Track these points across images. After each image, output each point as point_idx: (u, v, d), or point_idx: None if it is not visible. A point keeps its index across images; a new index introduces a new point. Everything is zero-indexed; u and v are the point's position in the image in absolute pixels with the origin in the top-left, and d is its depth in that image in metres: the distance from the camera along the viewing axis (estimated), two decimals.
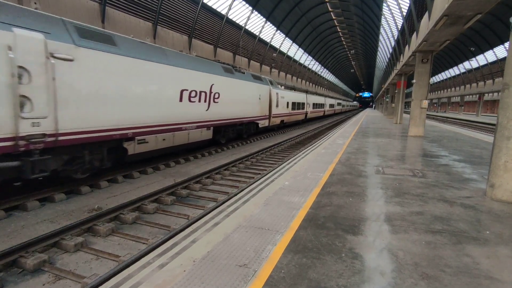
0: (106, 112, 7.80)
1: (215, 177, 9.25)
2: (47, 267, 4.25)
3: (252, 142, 18.05)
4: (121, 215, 5.99)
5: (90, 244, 5.01)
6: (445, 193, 5.56)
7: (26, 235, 5.23)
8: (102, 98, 7.64)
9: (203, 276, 2.82)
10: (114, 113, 8.03)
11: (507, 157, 5.01)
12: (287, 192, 5.47)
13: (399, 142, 13.05)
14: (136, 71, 8.69)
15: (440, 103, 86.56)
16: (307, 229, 3.90)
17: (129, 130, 8.55)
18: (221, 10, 24.64)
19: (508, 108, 4.96)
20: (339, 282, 2.75)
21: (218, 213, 4.48)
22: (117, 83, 8.06)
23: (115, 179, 8.60)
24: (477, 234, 3.82)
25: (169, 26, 19.53)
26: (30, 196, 6.73)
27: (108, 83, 7.79)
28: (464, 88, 58.09)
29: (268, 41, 35.51)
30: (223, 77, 13.63)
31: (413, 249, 3.39)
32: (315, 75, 64.10)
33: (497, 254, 3.33)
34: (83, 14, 13.64)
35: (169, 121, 10.20)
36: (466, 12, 9.26)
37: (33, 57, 6.00)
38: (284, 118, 23.82)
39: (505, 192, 5.10)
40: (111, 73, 7.88)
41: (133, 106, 8.62)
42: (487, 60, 46.18)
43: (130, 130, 8.60)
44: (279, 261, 3.10)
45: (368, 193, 5.51)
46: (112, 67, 7.89)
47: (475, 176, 6.97)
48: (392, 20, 25.62)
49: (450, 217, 4.39)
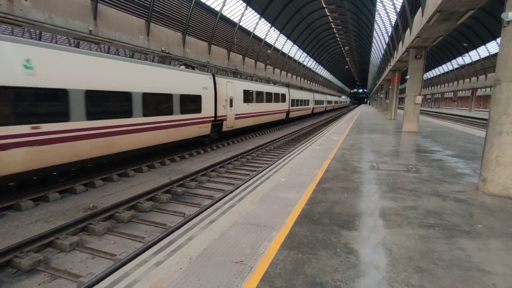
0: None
1: (210, 175, 9.24)
2: (42, 267, 4.23)
3: (248, 140, 18.05)
4: (116, 213, 5.96)
5: (85, 243, 4.99)
6: (438, 188, 5.64)
7: (21, 235, 5.19)
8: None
9: (199, 273, 2.83)
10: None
11: (499, 152, 5.09)
12: (282, 189, 5.50)
13: (393, 138, 13.16)
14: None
15: (434, 99, 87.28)
16: (302, 225, 3.93)
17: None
18: (215, 6, 24.47)
19: (499, 103, 5.03)
20: (334, 277, 2.78)
21: (214, 210, 4.49)
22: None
23: (110, 178, 8.55)
24: (470, 228, 3.88)
25: (163, 23, 19.34)
26: (24, 195, 6.66)
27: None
28: (457, 83, 58.60)
29: (263, 38, 35.42)
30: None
31: (406, 243, 3.44)
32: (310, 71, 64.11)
33: (488, 247, 3.39)
34: (75, 11, 13.43)
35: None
36: (458, 8, 9.33)
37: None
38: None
39: (497, 186, 5.19)
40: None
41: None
42: (480, 56, 46.58)
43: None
44: (275, 257, 3.13)
45: (363, 189, 5.56)
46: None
47: (467, 170, 7.07)
48: (386, 16, 25.68)
49: (443, 211, 4.46)
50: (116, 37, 15.60)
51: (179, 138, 11.93)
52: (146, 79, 9.88)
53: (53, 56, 7.03)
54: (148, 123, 9.98)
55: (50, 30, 12.80)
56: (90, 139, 7.99)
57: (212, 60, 25.32)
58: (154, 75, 10.32)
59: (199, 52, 23.67)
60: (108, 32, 15.11)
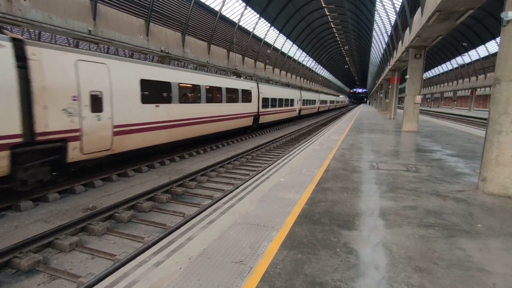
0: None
1: (210, 175, 9.23)
2: (42, 267, 4.22)
3: (248, 139, 18.04)
4: (116, 213, 5.95)
5: (85, 244, 4.98)
6: (438, 188, 5.63)
7: (20, 235, 5.18)
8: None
9: (199, 273, 2.83)
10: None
11: (499, 151, 5.09)
12: (282, 189, 5.49)
13: (393, 138, 13.16)
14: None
15: (433, 98, 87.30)
16: (302, 225, 3.92)
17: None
18: (215, 6, 24.46)
19: (499, 103, 5.03)
20: (334, 277, 2.78)
21: (214, 210, 4.48)
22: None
23: (109, 178, 8.54)
24: (469, 228, 3.88)
25: (162, 23, 19.33)
26: (23, 196, 6.65)
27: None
28: (457, 83, 58.61)
29: (262, 38, 35.40)
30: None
31: (406, 243, 3.44)
32: (310, 71, 64.10)
33: (488, 246, 3.39)
34: (74, 11, 13.41)
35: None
36: (458, 7, 9.32)
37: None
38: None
39: (497, 186, 5.18)
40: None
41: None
42: (479, 55, 46.58)
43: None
44: (275, 257, 3.12)
45: (363, 189, 5.55)
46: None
47: (467, 170, 7.06)
48: (386, 15, 25.68)
49: (442, 211, 4.45)
50: (116, 37, 15.58)
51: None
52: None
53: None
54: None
55: (49, 30, 12.79)
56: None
57: (211, 60, 25.31)
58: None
59: (199, 52, 23.67)
60: (107, 32, 15.09)
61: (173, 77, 11.40)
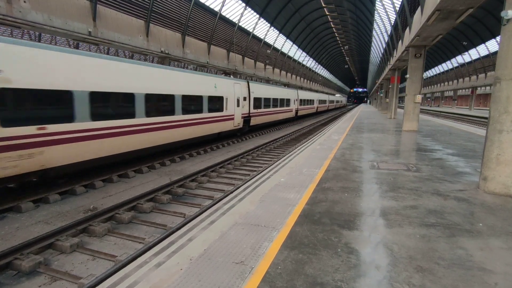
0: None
1: (210, 175, 9.23)
2: (43, 269, 4.22)
3: (248, 139, 18.05)
4: (117, 214, 5.95)
5: (86, 245, 4.98)
6: (439, 187, 5.63)
7: (21, 237, 5.18)
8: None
9: (200, 274, 2.82)
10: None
11: (499, 150, 5.08)
12: (283, 189, 5.49)
13: (393, 137, 13.15)
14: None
15: (434, 98, 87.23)
16: (303, 225, 3.92)
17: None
18: (214, 7, 24.47)
19: (499, 102, 5.02)
20: (335, 277, 2.77)
21: (214, 211, 4.48)
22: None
23: (110, 179, 8.54)
24: (471, 227, 3.87)
25: (162, 24, 19.35)
26: (24, 197, 6.65)
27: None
28: (457, 82, 58.58)
29: (262, 38, 35.41)
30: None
31: (407, 243, 3.43)
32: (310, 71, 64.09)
33: (490, 246, 3.38)
34: (74, 12, 13.43)
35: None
36: (458, 7, 9.32)
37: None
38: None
39: (498, 185, 5.18)
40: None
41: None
42: (479, 54, 46.56)
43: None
44: (276, 257, 3.12)
45: (363, 188, 5.55)
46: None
47: (468, 169, 7.05)
48: (385, 15, 25.67)
49: (443, 210, 4.45)
50: (116, 38, 15.60)
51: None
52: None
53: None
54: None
55: (49, 31, 12.79)
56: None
57: (211, 60, 25.32)
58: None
59: (199, 53, 23.68)
60: (107, 33, 15.11)
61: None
